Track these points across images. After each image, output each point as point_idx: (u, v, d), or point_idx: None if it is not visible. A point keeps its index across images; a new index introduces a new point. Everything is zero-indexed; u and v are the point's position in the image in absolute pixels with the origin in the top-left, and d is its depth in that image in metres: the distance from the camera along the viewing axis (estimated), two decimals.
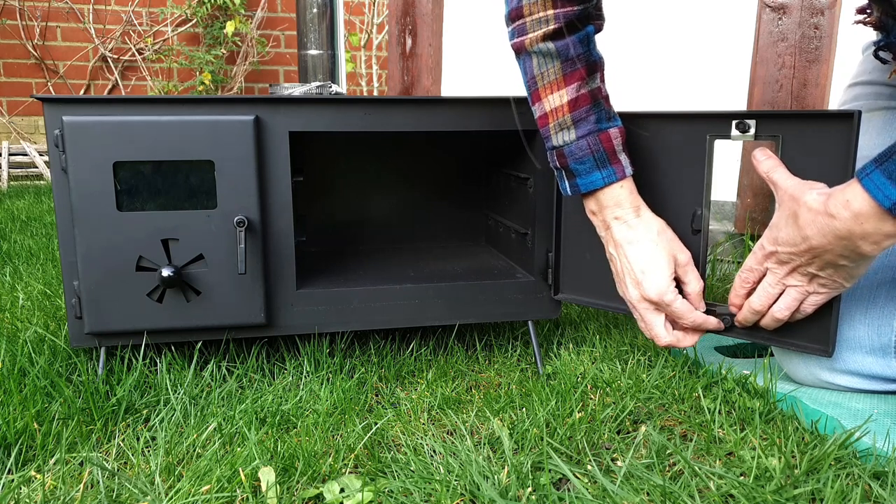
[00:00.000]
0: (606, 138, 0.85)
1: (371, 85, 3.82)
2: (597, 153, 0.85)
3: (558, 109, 0.85)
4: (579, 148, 0.85)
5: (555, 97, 0.85)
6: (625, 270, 0.88)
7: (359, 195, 1.33)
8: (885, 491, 0.65)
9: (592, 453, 0.76)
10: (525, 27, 0.84)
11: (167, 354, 0.96)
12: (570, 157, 0.86)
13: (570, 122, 0.85)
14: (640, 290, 0.87)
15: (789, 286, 0.80)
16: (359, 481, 0.70)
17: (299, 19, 1.49)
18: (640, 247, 0.87)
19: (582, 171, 0.86)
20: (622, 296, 0.91)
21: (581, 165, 0.86)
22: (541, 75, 0.85)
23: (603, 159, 0.85)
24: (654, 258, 0.86)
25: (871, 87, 0.95)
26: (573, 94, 0.84)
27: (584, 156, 0.85)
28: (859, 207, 0.68)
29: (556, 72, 0.84)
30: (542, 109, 0.87)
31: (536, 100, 0.87)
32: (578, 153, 0.85)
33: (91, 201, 0.88)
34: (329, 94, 1.05)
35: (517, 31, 0.86)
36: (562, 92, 0.84)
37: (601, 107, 0.86)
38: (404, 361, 1.03)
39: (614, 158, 0.86)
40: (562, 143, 0.86)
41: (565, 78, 0.84)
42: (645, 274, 0.86)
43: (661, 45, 1.72)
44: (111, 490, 0.69)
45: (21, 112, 3.71)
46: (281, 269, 0.96)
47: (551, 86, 0.85)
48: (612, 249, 0.89)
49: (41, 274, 1.52)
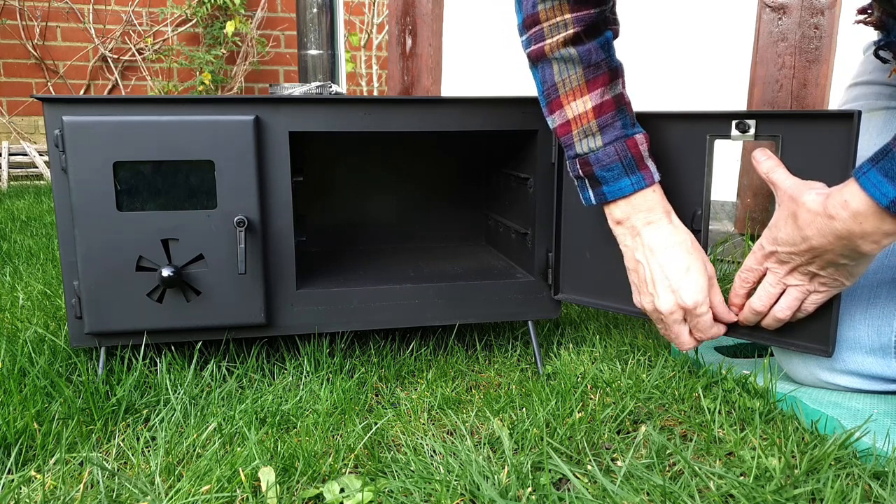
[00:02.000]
0: (633, 144, 0.83)
1: (371, 85, 3.82)
2: (625, 159, 0.83)
3: (582, 116, 0.83)
4: (606, 154, 0.83)
5: (578, 104, 0.83)
6: (656, 277, 0.84)
7: (359, 195, 1.33)
8: (885, 491, 0.65)
9: (592, 453, 0.76)
10: (543, 33, 0.83)
11: (167, 354, 0.96)
12: (596, 164, 0.84)
13: (595, 128, 0.83)
14: (676, 297, 0.83)
15: (790, 286, 0.80)
16: (359, 481, 0.70)
17: (299, 19, 1.49)
18: (676, 252, 0.84)
19: (609, 179, 0.84)
20: (641, 305, 0.88)
21: (608, 172, 0.84)
22: (562, 82, 0.83)
23: (631, 165, 0.83)
24: (693, 265, 0.83)
25: (872, 87, 0.95)
26: (597, 99, 0.83)
27: (611, 162, 0.83)
28: (857, 207, 0.68)
29: (579, 77, 0.83)
30: (563, 117, 0.85)
31: (557, 108, 0.85)
32: (606, 160, 0.83)
33: (91, 201, 0.88)
34: (329, 94, 1.05)
35: (534, 38, 0.84)
36: (585, 98, 0.83)
37: (625, 112, 0.84)
38: (404, 361, 1.03)
39: (642, 164, 0.84)
40: (587, 151, 0.84)
41: (588, 84, 0.83)
42: (683, 280, 0.83)
43: (661, 45, 1.72)
44: (111, 490, 0.69)
45: (21, 112, 3.71)
46: (281, 269, 0.96)
47: (574, 92, 0.83)
48: (640, 256, 0.86)
49: (41, 274, 1.52)
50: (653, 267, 0.85)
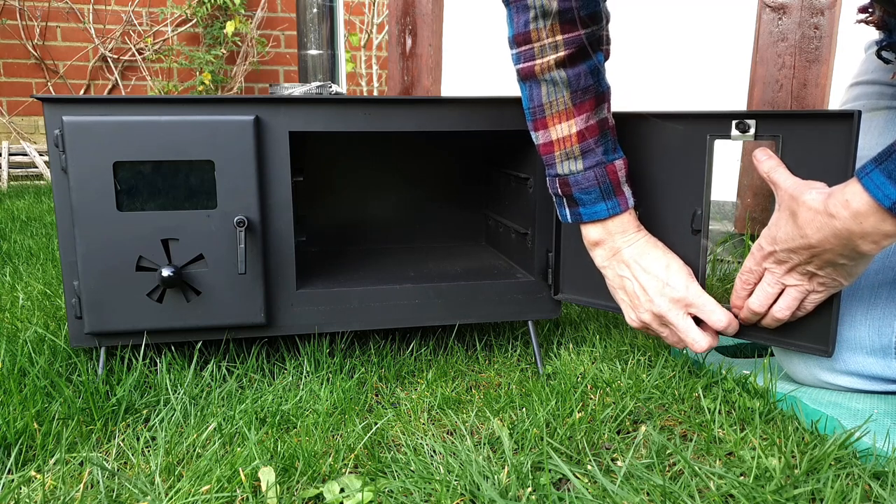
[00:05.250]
0: (612, 170, 0.85)
1: (371, 85, 3.82)
2: (603, 185, 0.85)
3: (566, 139, 0.84)
4: (586, 178, 0.85)
5: (563, 126, 0.84)
6: (644, 283, 0.87)
7: (359, 195, 1.33)
8: (885, 491, 0.65)
9: (592, 453, 0.76)
10: (533, 52, 0.83)
11: (167, 354, 0.96)
12: (575, 186, 0.86)
13: (577, 152, 0.84)
14: (667, 293, 0.85)
15: (788, 286, 0.80)
16: (359, 481, 0.70)
17: (299, 19, 1.49)
18: (653, 255, 0.87)
19: (587, 201, 0.87)
20: (641, 320, 0.89)
21: (586, 195, 0.86)
22: (549, 104, 0.84)
23: (608, 191, 0.86)
24: (670, 261, 0.87)
25: (873, 87, 0.95)
26: (582, 125, 0.84)
27: (589, 186, 0.85)
28: (858, 206, 0.68)
29: (566, 101, 0.83)
30: (547, 137, 0.86)
31: (542, 126, 0.86)
32: (585, 183, 0.85)
33: (91, 201, 0.88)
34: (329, 94, 1.05)
35: (523, 57, 0.84)
36: (571, 122, 0.84)
37: (608, 137, 0.86)
38: (404, 361, 1.03)
39: (619, 190, 0.86)
40: (567, 172, 0.86)
41: (575, 108, 0.83)
42: (666, 274, 0.86)
43: (661, 45, 1.72)
44: (111, 490, 0.69)
45: (21, 112, 3.71)
46: (281, 269, 0.96)
47: (560, 115, 0.84)
48: (622, 271, 0.89)
49: (41, 274, 1.52)
50: (637, 275, 0.87)
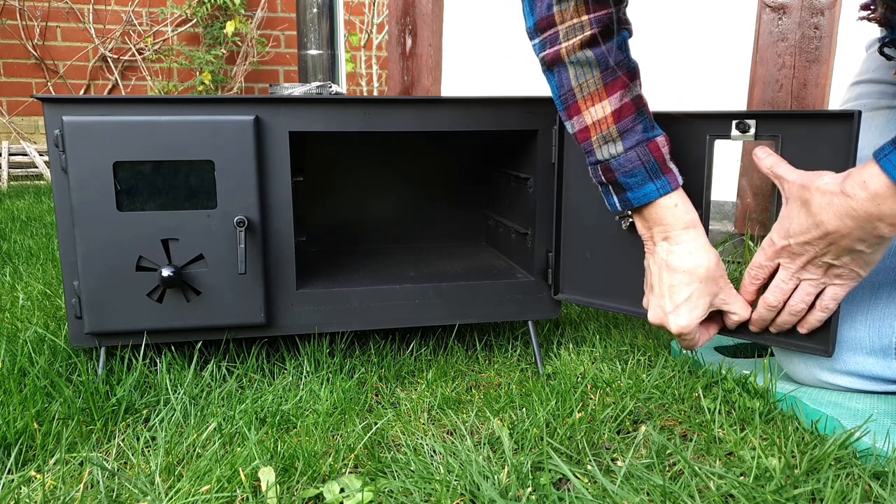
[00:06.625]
0: (655, 147, 0.81)
1: (371, 85, 3.82)
2: (648, 164, 0.81)
3: (601, 122, 0.81)
4: (628, 160, 0.81)
5: (597, 109, 0.81)
6: (664, 292, 0.84)
7: (359, 195, 1.33)
8: (885, 491, 0.65)
9: (592, 453, 0.76)
10: (558, 36, 0.80)
11: (167, 354, 0.96)
12: (618, 170, 0.82)
13: (615, 133, 0.81)
14: (667, 318, 0.84)
15: (804, 280, 0.79)
16: (359, 481, 0.70)
17: (299, 19, 1.49)
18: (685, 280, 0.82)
19: (633, 185, 0.82)
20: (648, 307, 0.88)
21: (631, 178, 0.81)
22: (579, 87, 0.81)
23: (655, 170, 0.81)
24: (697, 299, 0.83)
25: (875, 86, 0.94)
26: (617, 103, 0.80)
27: (633, 168, 0.81)
28: (877, 188, 0.68)
29: (597, 81, 0.80)
30: (581, 123, 0.82)
31: (575, 113, 0.83)
32: (628, 165, 0.81)
33: (91, 201, 0.88)
34: (329, 94, 1.05)
35: (549, 42, 0.81)
36: (604, 103, 0.80)
37: (645, 115, 0.81)
38: (404, 361, 1.03)
39: (666, 168, 0.81)
40: (608, 157, 0.82)
41: (607, 88, 0.80)
42: (680, 308, 0.83)
43: (662, 45, 1.72)
44: (111, 490, 0.69)
45: (21, 112, 3.71)
46: (281, 269, 0.96)
47: (592, 97, 0.81)
48: (655, 267, 0.86)
49: (41, 274, 1.52)
50: (663, 282, 0.84)
